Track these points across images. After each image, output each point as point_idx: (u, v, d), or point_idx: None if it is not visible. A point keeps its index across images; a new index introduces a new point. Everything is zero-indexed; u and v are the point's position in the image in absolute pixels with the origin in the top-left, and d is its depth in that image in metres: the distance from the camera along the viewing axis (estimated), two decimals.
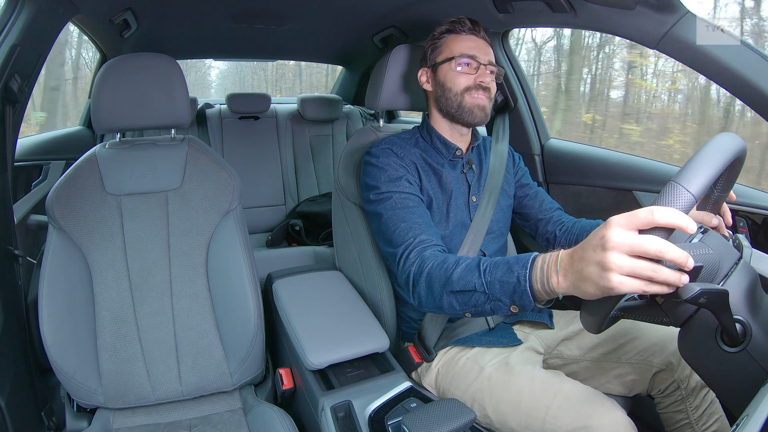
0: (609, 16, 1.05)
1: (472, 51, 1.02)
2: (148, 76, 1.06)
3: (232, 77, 9.76)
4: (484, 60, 1.03)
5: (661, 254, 0.51)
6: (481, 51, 1.03)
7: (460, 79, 1.02)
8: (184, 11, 1.61)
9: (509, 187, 1.16)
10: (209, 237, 1.10)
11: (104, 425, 1.04)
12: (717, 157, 0.56)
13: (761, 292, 0.65)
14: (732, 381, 0.62)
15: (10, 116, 1.02)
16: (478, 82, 1.01)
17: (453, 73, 1.03)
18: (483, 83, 1.01)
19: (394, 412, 0.83)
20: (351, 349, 1.00)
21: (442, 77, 1.05)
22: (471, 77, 1.02)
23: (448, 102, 1.05)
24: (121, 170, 1.08)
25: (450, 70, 1.03)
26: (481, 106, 1.03)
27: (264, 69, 9.49)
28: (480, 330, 1.04)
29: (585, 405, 0.81)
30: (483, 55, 1.03)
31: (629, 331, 1.01)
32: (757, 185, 1.27)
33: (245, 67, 9.32)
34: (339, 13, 1.71)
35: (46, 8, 1.06)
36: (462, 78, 1.02)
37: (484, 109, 1.03)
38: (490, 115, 1.06)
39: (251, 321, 1.08)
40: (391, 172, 1.00)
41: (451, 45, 1.04)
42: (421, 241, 0.90)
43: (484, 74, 1.02)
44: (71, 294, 1.01)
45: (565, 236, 1.11)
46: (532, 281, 0.66)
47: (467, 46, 1.03)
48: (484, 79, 1.02)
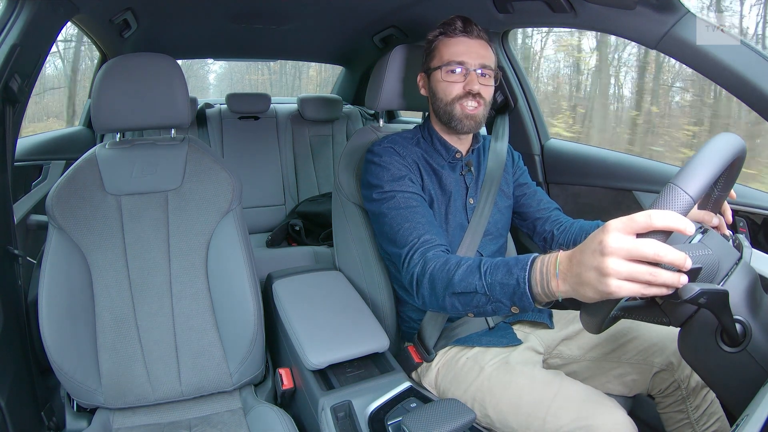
0: (609, 16, 1.05)
1: (460, 56, 0.99)
2: (148, 76, 1.06)
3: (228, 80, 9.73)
4: (474, 64, 0.99)
5: (658, 257, 0.51)
6: (473, 54, 0.99)
7: (449, 89, 1.00)
8: (184, 11, 1.61)
9: (507, 187, 1.15)
10: (209, 237, 1.10)
11: (104, 425, 1.04)
12: (716, 158, 0.56)
13: (761, 292, 0.64)
14: (732, 381, 0.62)
15: (10, 116, 1.02)
16: (467, 90, 0.99)
17: (442, 83, 1.00)
18: (472, 91, 0.98)
19: (394, 412, 0.83)
20: (351, 349, 0.99)
21: (434, 85, 1.03)
22: (460, 86, 0.99)
23: (439, 110, 1.03)
24: (121, 170, 1.08)
25: (440, 78, 1.01)
26: (470, 116, 1.00)
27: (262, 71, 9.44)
28: (480, 330, 1.04)
29: (585, 405, 0.81)
30: (474, 59, 0.99)
31: (629, 331, 1.01)
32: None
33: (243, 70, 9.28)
34: (339, 13, 1.72)
35: (46, 8, 1.06)
36: (451, 87, 0.99)
37: (474, 119, 1.00)
38: (483, 122, 1.04)
39: (251, 321, 1.08)
40: (394, 170, 0.99)
41: (442, 50, 1.01)
42: (424, 241, 0.89)
43: (474, 81, 0.98)
44: (71, 294, 1.01)
45: (563, 236, 1.10)
46: (531, 284, 0.66)
47: (456, 51, 0.99)
48: (473, 87, 0.98)
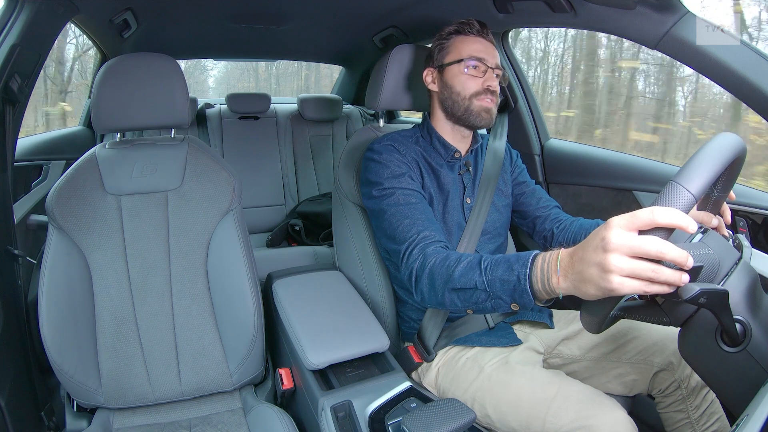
0: (609, 16, 1.05)
1: (480, 54, 1.01)
2: (148, 76, 1.06)
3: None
4: (492, 63, 1.02)
5: (661, 255, 0.51)
6: (489, 54, 1.02)
7: (468, 83, 1.02)
8: (184, 11, 1.61)
9: (506, 186, 1.15)
10: (209, 237, 1.10)
11: (104, 425, 1.04)
12: (717, 156, 0.56)
13: (761, 292, 0.65)
14: (732, 381, 0.62)
15: (10, 116, 1.02)
16: (486, 86, 1.01)
17: (462, 76, 1.02)
18: (491, 87, 1.01)
19: (394, 412, 0.83)
20: (351, 349, 0.99)
21: (450, 79, 1.04)
22: (479, 81, 1.01)
23: (455, 105, 1.04)
24: (121, 170, 1.08)
25: (459, 72, 1.02)
26: (488, 110, 1.02)
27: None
28: (480, 329, 1.04)
29: (585, 405, 0.81)
30: (491, 58, 1.02)
31: (629, 330, 1.01)
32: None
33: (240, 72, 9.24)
34: (339, 13, 1.72)
35: (46, 8, 1.06)
36: (471, 82, 1.02)
37: (490, 112, 1.03)
38: (495, 119, 1.06)
39: (251, 321, 1.08)
40: (394, 168, 0.99)
41: (460, 47, 1.03)
42: (424, 237, 0.90)
43: (492, 78, 1.02)
44: (71, 294, 1.01)
45: (563, 234, 1.10)
46: (532, 281, 0.66)
47: (476, 48, 1.02)
48: (492, 83, 1.01)
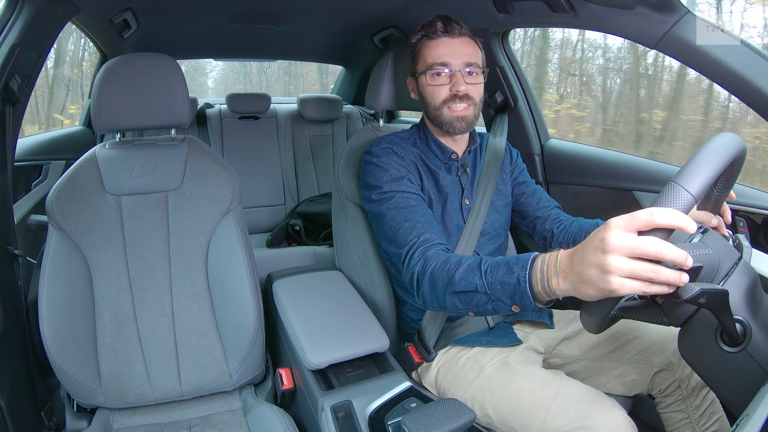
0: (609, 16, 1.05)
1: (443, 58, 0.97)
2: (148, 76, 1.06)
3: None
4: (459, 64, 0.97)
5: (660, 255, 0.51)
6: (456, 54, 0.97)
7: (436, 92, 0.99)
8: (184, 11, 1.61)
9: (505, 186, 1.15)
10: (209, 237, 1.10)
11: (104, 425, 1.04)
12: (717, 157, 0.56)
13: (761, 292, 0.65)
14: (732, 381, 0.62)
15: (10, 116, 1.02)
16: (454, 92, 0.97)
17: (428, 87, 1.00)
18: (459, 92, 0.97)
19: (394, 412, 0.82)
20: (351, 349, 0.99)
21: (422, 89, 1.02)
22: (446, 88, 0.98)
23: (430, 114, 1.03)
24: (121, 170, 1.08)
25: (425, 83, 1.00)
26: (460, 118, 0.99)
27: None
28: (480, 329, 1.04)
29: (585, 404, 0.81)
30: (458, 59, 0.97)
31: (629, 330, 1.01)
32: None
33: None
34: (339, 13, 1.72)
35: (46, 8, 1.06)
36: (437, 91, 0.99)
37: (464, 120, 0.99)
38: (476, 121, 1.03)
39: (251, 321, 1.08)
40: (393, 171, 0.99)
41: (425, 53, 1.00)
42: (424, 240, 0.89)
43: (460, 82, 0.97)
44: (71, 294, 1.01)
45: (563, 234, 1.10)
46: (532, 282, 0.66)
47: (438, 53, 0.98)
48: (459, 88, 0.96)
